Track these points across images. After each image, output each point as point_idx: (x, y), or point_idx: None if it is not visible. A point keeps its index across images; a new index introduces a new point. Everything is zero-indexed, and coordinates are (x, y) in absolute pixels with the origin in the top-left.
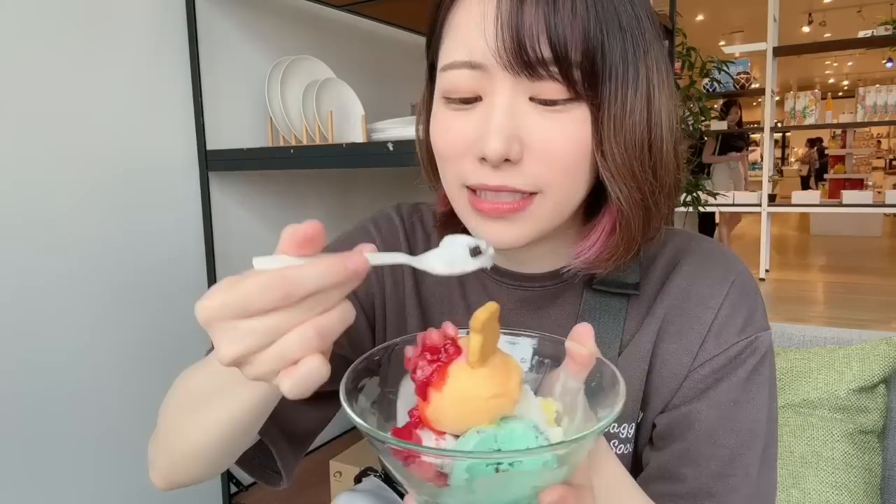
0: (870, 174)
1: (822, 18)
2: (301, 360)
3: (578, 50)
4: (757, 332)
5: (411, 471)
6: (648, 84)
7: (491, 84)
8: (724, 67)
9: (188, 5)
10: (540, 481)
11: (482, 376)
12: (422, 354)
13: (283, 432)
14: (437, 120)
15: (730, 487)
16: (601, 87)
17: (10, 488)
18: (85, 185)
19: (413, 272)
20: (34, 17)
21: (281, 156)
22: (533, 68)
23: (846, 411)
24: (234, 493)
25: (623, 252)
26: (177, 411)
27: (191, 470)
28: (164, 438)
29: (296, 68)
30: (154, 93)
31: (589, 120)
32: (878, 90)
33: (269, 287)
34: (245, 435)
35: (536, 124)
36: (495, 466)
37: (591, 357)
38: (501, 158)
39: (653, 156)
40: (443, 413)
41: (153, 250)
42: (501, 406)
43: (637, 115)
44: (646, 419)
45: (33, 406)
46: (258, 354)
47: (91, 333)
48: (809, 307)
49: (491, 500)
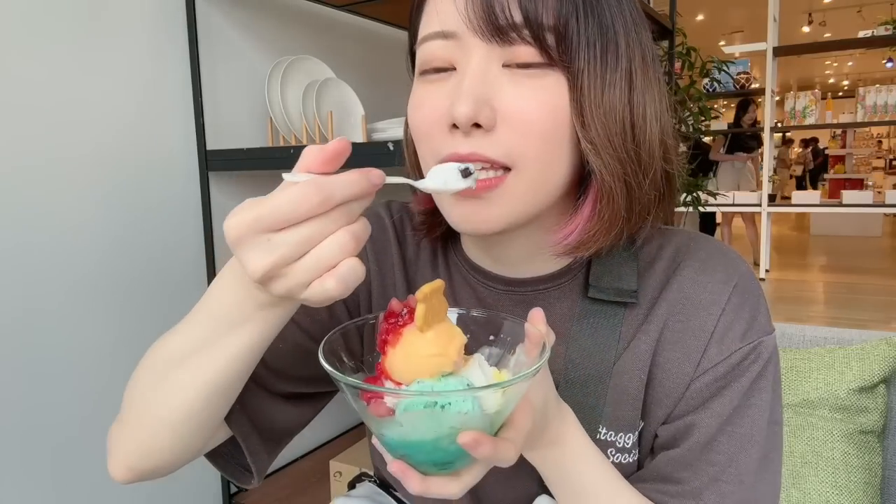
0: (870, 174)
1: (822, 18)
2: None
3: (550, 13)
4: (760, 337)
5: (370, 410)
6: (630, 64)
7: (464, 53)
8: (724, 67)
9: (188, 5)
10: (459, 424)
11: (426, 338)
12: (385, 318)
13: (255, 428)
14: (412, 99)
15: (719, 493)
16: (577, 54)
17: (10, 485)
18: (85, 185)
19: (404, 277)
20: (34, 18)
21: (281, 156)
22: (504, 32)
23: (846, 411)
24: (234, 494)
25: (606, 229)
26: (149, 379)
27: (159, 451)
28: (131, 416)
29: (296, 68)
30: (154, 93)
31: (566, 88)
32: (878, 90)
33: (305, 195)
34: (226, 395)
35: (509, 90)
36: (424, 404)
37: (540, 336)
38: (470, 121)
39: (635, 136)
40: (395, 366)
41: (153, 250)
42: (440, 364)
43: (617, 92)
44: (647, 429)
45: (33, 404)
46: (291, 266)
47: (91, 333)
48: (809, 307)
49: (417, 433)
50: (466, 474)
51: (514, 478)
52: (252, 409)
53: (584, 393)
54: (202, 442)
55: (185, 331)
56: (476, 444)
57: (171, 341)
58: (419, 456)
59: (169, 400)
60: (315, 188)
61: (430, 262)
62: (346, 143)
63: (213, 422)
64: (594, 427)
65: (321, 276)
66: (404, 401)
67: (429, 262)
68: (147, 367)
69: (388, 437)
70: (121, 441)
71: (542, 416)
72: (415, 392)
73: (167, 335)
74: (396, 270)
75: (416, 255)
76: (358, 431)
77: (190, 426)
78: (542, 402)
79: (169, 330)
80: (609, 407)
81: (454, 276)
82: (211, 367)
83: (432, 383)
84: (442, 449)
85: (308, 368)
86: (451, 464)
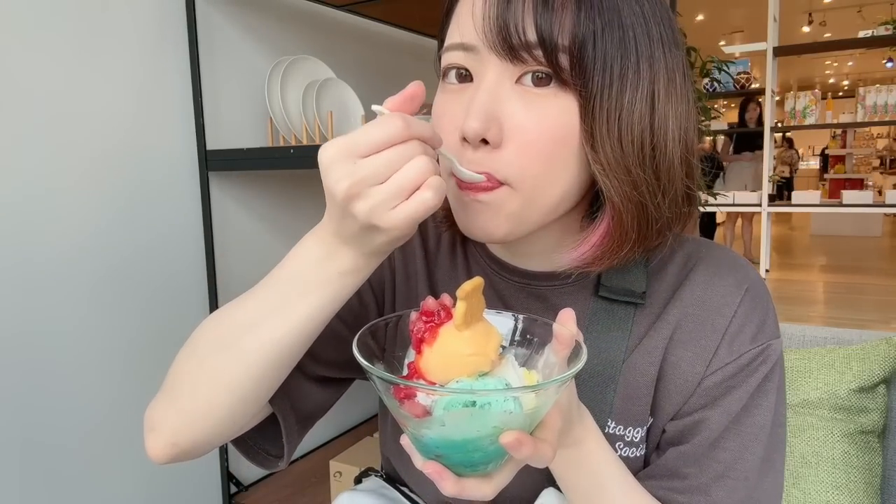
0: (870, 174)
1: (822, 18)
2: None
3: (566, 34)
4: (769, 340)
5: (405, 408)
6: (653, 87)
7: (481, 66)
8: (724, 67)
9: (188, 5)
10: (502, 423)
11: (464, 337)
12: (419, 317)
13: (293, 408)
14: (435, 106)
15: (726, 489)
16: (592, 78)
17: (10, 485)
18: (85, 185)
19: (426, 268)
20: (34, 18)
21: (281, 156)
22: (517, 51)
23: (846, 411)
24: (234, 494)
25: (616, 249)
26: (210, 347)
27: (202, 427)
28: (184, 388)
29: (296, 68)
30: (154, 93)
31: (576, 111)
32: (878, 90)
33: (393, 123)
34: (288, 362)
35: (518, 107)
36: (464, 404)
37: (571, 337)
38: (478, 137)
39: (655, 158)
40: (431, 365)
41: (153, 250)
42: (478, 363)
43: (636, 115)
44: (656, 424)
45: (33, 404)
46: (376, 186)
47: (90, 333)
48: (809, 307)
49: (459, 432)
50: (499, 475)
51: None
52: (290, 389)
53: (593, 387)
54: (251, 415)
55: (254, 297)
56: (518, 445)
57: (237, 310)
58: (456, 456)
59: (232, 366)
60: (401, 119)
61: (449, 253)
62: (421, 86)
63: (268, 392)
64: (603, 421)
65: (406, 197)
66: (445, 400)
67: (448, 252)
68: (206, 337)
69: (428, 437)
70: (167, 415)
71: (568, 416)
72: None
73: (228, 307)
74: (418, 260)
75: (436, 246)
76: (358, 431)
77: (248, 394)
78: (567, 403)
79: (228, 303)
80: (619, 402)
81: (472, 267)
82: (281, 329)
83: (471, 382)
84: (482, 449)
85: (339, 353)
86: (486, 464)
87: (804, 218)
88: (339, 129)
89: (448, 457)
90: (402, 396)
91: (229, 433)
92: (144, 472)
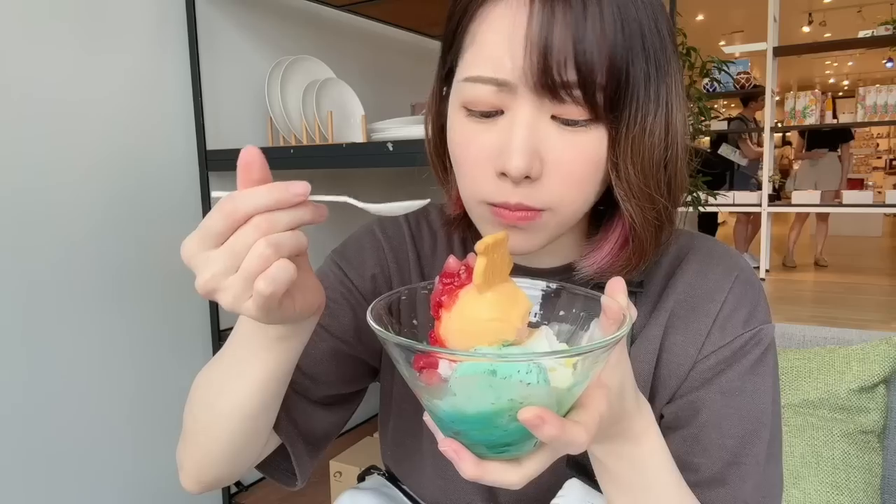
0: (870, 174)
1: (822, 18)
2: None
3: (604, 74)
4: (760, 325)
5: (422, 379)
6: (668, 104)
7: (514, 101)
8: (724, 67)
9: (188, 5)
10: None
11: (486, 300)
12: (440, 279)
13: (300, 434)
14: (456, 131)
15: (741, 475)
16: (623, 110)
17: (10, 485)
18: (85, 184)
19: (419, 271)
20: (33, 18)
21: (281, 156)
22: (557, 91)
23: (846, 411)
24: (234, 494)
25: (634, 264)
26: (197, 408)
27: (217, 467)
28: (188, 440)
29: (296, 68)
30: (154, 93)
31: (605, 140)
32: (878, 90)
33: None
34: (264, 417)
35: (556, 143)
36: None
37: (619, 310)
38: (523, 175)
39: (668, 173)
40: (450, 331)
41: (153, 250)
42: (500, 330)
43: (656, 136)
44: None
45: (33, 403)
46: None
47: (91, 333)
48: (809, 307)
49: (471, 404)
50: (529, 462)
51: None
52: (296, 417)
53: None
54: (255, 454)
55: (219, 361)
56: (540, 422)
57: (210, 372)
58: (474, 434)
59: (214, 425)
60: (227, 200)
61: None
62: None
63: (260, 438)
64: None
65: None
66: (462, 367)
67: (444, 253)
68: (194, 399)
69: (441, 410)
70: (186, 459)
71: (619, 403)
72: (469, 354)
73: (206, 367)
74: (412, 265)
75: (432, 250)
76: (358, 431)
77: (238, 444)
78: (618, 386)
79: (212, 359)
80: None
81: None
82: (244, 390)
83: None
84: (500, 427)
85: (342, 368)
86: (509, 446)
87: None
88: (339, 129)
89: (466, 434)
90: (420, 366)
91: (244, 468)
92: (144, 472)
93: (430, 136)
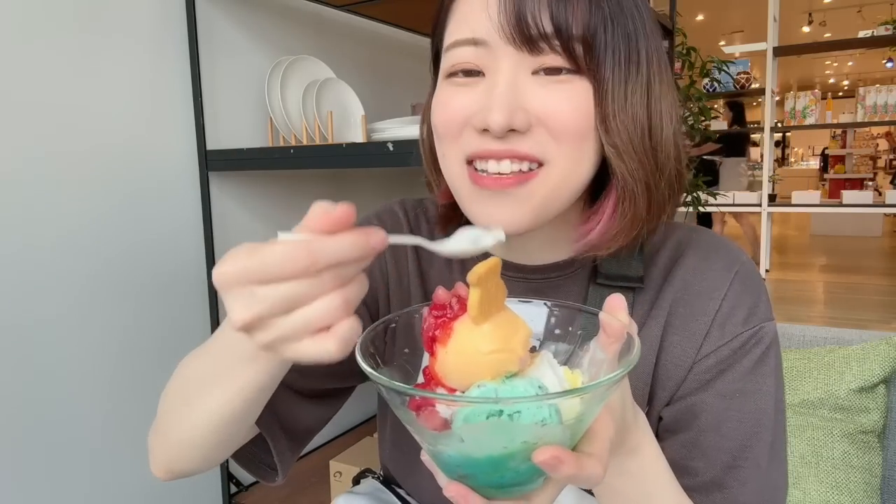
0: (870, 174)
1: (822, 18)
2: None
3: (579, 24)
4: (761, 323)
5: (422, 421)
6: (648, 70)
7: (494, 60)
8: (724, 67)
9: (188, 5)
10: (534, 437)
11: (483, 332)
12: (430, 312)
13: (283, 428)
14: (437, 98)
15: (740, 479)
16: (603, 63)
17: (10, 486)
18: (85, 185)
19: (418, 268)
20: (33, 18)
21: (281, 156)
22: (534, 42)
23: (846, 411)
24: (234, 494)
25: (627, 229)
26: (174, 400)
27: (188, 460)
28: (161, 428)
29: (296, 68)
30: (154, 93)
31: (591, 94)
32: (878, 90)
33: (293, 257)
34: (242, 423)
35: (540, 94)
36: (489, 414)
37: (622, 328)
38: (505, 129)
39: (653, 139)
40: (447, 368)
41: (153, 250)
42: (503, 361)
43: (638, 98)
44: (652, 412)
45: (33, 404)
46: (275, 319)
47: (90, 332)
48: (809, 307)
49: (481, 450)
50: (538, 497)
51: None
52: (279, 409)
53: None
54: (229, 451)
55: (204, 357)
56: (557, 463)
57: (193, 365)
58: (482, 477)
59: (192, 424)
60: (305, 251)
61: None
62: (352, 212)
63: (237, 439)
64: None
65: (313, 335)
66: (463, 410)
67: None
68: (173, 388)
69: (446, 455)
70: (156, 448)
71: (622, 421)
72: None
73: (191, 356)
74: (410, 261)
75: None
76: (358, 431)
77: (214, 444)
78: (620, 405)
79: (196, 348)
80: None
81: (466, 263)
82: (225, 398)
83: (496, 386)
84: (512, 469)
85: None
86: (518, 486)
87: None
88: (339, 129)
89: (474, 477)
90: (416, 407)
91: (217, 459)
92: (144, 472)
93: (424, 136)
